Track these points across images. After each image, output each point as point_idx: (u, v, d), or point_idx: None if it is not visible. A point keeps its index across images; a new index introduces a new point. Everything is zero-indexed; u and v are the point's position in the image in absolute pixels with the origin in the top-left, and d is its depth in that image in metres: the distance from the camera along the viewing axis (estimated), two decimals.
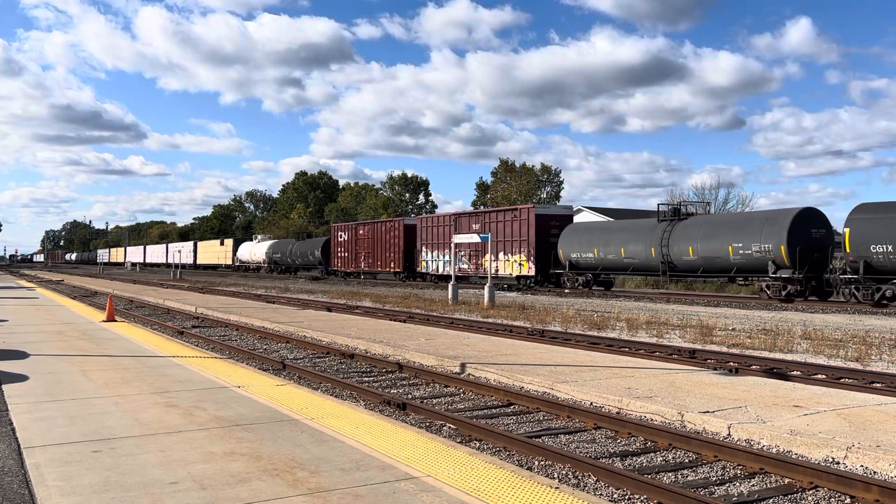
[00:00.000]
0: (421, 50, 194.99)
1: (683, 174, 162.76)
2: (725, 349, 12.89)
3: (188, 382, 8.48)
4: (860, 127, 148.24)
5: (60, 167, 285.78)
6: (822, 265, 25.79)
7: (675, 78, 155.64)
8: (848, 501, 5.18)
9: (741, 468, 5.92)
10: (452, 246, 31.86)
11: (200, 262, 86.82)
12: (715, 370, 10.36)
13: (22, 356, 10.65)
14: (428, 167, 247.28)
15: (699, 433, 6.86)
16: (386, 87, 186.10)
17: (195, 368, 9.62)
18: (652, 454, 6.44)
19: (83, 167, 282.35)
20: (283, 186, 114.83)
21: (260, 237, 76.13)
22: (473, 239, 29.69)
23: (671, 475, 5.83)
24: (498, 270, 37.75)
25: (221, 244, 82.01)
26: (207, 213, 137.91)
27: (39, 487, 4.55)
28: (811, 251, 25.37)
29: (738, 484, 5.60)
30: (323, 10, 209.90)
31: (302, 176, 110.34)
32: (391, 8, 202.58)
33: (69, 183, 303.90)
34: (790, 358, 11.85)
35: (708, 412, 7.21)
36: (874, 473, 5.60)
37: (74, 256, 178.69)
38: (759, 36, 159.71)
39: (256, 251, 70.35)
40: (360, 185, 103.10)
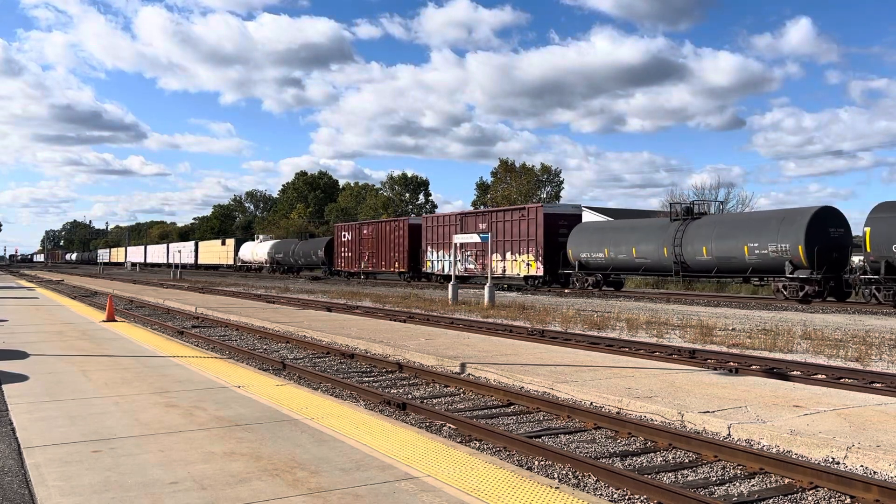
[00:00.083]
0: (421, 50, 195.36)
1: (683, 174, 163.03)
2: (725, 349, 12.89)
3: (188, 382, 8.48)
4: (860, 127, 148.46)
5: (60, 167, 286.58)
6: (840, 265, 25.14)
7: (675, 78, 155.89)
8: (848, 501, 5.18)
9: (741, 468, 5.92)
10: (453, 246, 31.55)
11: (202, 262, 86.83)
12: (715, 370, 10.36)
13: (22, 356, 10.65)
14: (428, 167, 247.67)
15: (699, 433, 6.86)
16: (386, 87, 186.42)
17: (195, 368, 9.62)
18: (652, 454, 6.44)
19: (83, 167, 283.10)
20: (283, 186, 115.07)
21: (262, 237, 75.85)
22: (474, 239, 29.38)
23: (671, 475, 5.83)
24: (505, 271, 37.33)
25: (223, 244, 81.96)
26: (207, 213, 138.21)
27: (39, 487, 4.56)
28: (829, 251, 24.69)
29: (738, 484, 5.60)
30: (323, 10, 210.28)
31: (302, 176, 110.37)
32: (391, 8, 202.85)
33: (69, 183, 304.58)
34: (790, 358, 11.85)
35: (708, 412, 7.21)
36: (874, 473, 5.60)
37: (74, 256, 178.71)
38: (759, 36, 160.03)
39: (259, 251, 70.21)
40: (360, 185, 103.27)
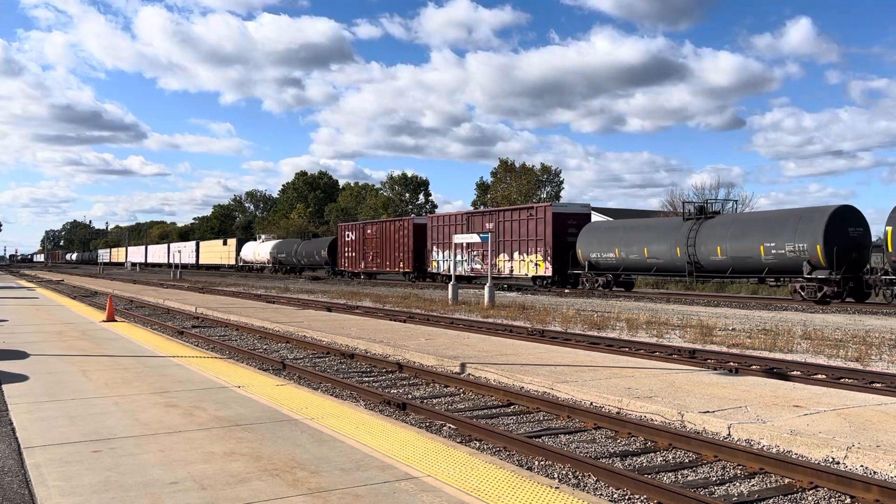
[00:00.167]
0: (421, 50, 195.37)
1: (683, 174, 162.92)
2: (725, 349, 12.89)
3: (188, 382, 8.48)
4: (860, 127, 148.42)
5: (60, 167, 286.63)
6: (859, 265, 24.57)
7: (675, 78, 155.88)
8: (848, 501, 5.18)
9: (741, 468, 5.92)
10: (453, 246, 31.42)
11: (203, 262, 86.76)
12: (715, 370, 10.36)
13: (22, 356, 10.65)
14: (428, 167, 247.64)
15: (699, 433, 6.86)
16: (386, 87, 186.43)
17: (195, 368, 9.62)
18: (652, 454, 6.44)
19: (83, 167, 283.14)
20: (283, 186, 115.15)
21: (264, 237, 75.71)
22: (474, 239, 29.27)
23: (671, 475, 5.83)
24: (513, 271, 36.93)
25: (224, 244, 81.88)
26: (207, 213, 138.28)
27: (39, 487, 4.56)
28: (849, 251, 24.09)
29: (738, 484, 5.60)
30: (323, 10, 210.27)
31: (302, 176, 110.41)
32: (391, 8, 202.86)
33: (69, 183, 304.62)
34: (790, 358, 11.85)
35: (708, 412, 7.21)
36: (874, 473, 5.60)
37: (75, 256, 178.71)
38: (759, 36, 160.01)
39: (260, 251, 70.10)
40: (360, 185, 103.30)
